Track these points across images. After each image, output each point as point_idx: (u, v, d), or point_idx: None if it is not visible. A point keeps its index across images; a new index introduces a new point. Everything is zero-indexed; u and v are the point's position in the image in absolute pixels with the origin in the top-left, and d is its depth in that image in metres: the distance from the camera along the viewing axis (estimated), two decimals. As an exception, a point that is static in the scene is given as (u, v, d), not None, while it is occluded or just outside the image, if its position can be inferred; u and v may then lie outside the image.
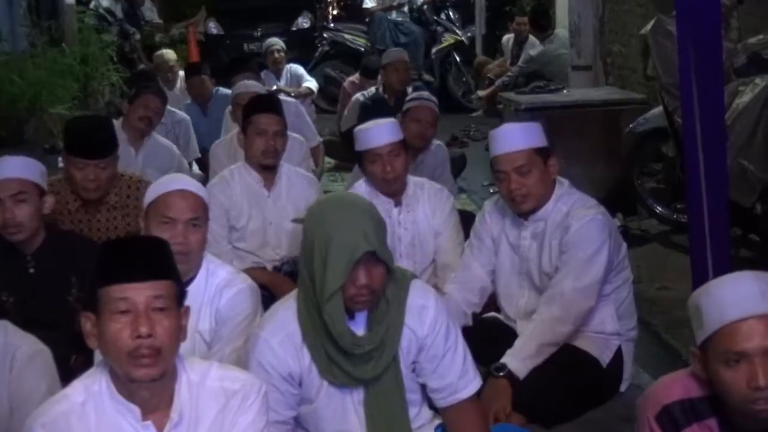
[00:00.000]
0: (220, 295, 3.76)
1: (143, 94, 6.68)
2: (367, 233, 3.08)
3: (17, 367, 3.26)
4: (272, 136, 5.29)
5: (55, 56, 12.02)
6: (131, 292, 2.55)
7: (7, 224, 4.19)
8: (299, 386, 3.31)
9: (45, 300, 4.23)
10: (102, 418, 2.65)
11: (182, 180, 3.93)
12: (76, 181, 4.91)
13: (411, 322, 3.29)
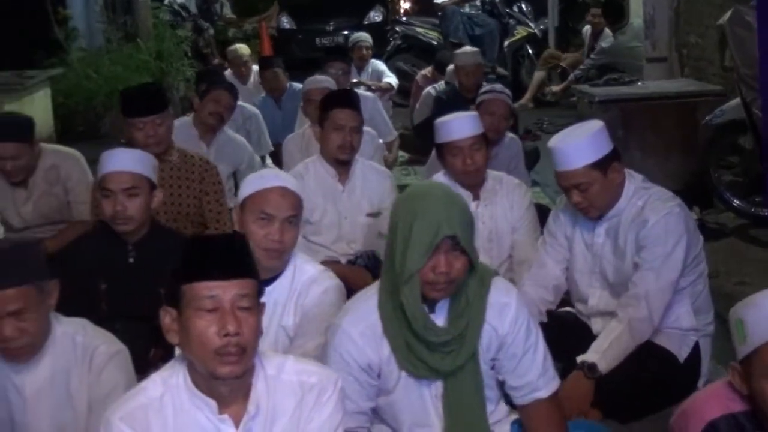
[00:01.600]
0: (307, 291, 3.74)
1: (214, 90, 6.66)
2: (451, 218, 3.07)
3: (96, 366, 3.29)
4: (349, 131, 5.30)
5: (131, 52, 12.17)
6: (218, 290, 2.56)
7: (117, 216, 4.25)
8: (378, 377, 3.31)
9: (139, 291, 4.25)
10: (179, 412, 2.67)
11: (283, 177, 3.91)
12: (139, 141, 5.18)
13: (492, 320, 3.27)
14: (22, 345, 3.13)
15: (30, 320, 3.12)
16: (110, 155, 4.39)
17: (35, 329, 3.14)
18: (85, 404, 3.30)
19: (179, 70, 12.30)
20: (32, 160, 5.47)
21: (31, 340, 3.15)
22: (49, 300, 3.22)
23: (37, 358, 3.24)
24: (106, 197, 4.28)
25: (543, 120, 11.43)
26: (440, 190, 3.25)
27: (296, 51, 14.74)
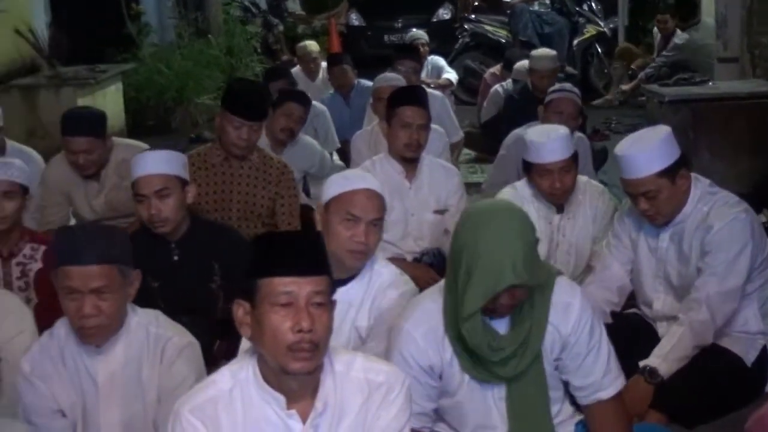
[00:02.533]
0: (383, 294, 3.73)
1: (286, 102, 6.54)
2: (516, 263, 3.03)
3: (167, 358, 3.35)
4: (416, 129, 5.28)
5: (201, 47, 12.26)
6: (294, 286, 2.57)
7: (152, 219, 4.29)
8: (439, 379, 3.31)
9: (187, 287, 4.33)
10: (248, 406, 2.69)
11: (369, 179, 3.89)
12: (230, 137, 5.22)
13: (555, 320, 3.25)
14: (98, 325, 3.19)
15: (109, 300, 3.18)
16: (139, 159, 4.43)
17: (112, 311, 3.20)
18: (155, 394, 3.35)
19: (249, 65, 12.37)
20: (104, 154, 5.54)
21: (107, 322, 3.21)
22: (129, 288, 3.29)
23: (111, 344, 3.30)
24: (140, 202, 4.33)
25: (611, 120, 11.34)
26: (508, 224, 3.13)
27: (365, 48, 14.76)
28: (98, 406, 3.33)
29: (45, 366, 3.34)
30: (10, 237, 4.56)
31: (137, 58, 11.45)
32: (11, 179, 4.51)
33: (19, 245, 4.60)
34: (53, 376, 3.33)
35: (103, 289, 3.17)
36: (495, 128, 8.46)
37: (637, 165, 4.10)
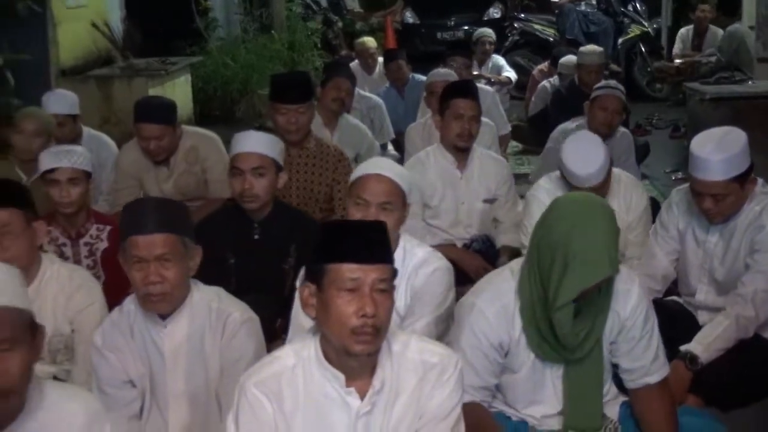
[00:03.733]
0: (416, 273, 3.74)
1: (334, 77, 6.74)
2: (612, 257, 3.05)
3: (229, 332, 3.36)
4: (468, 120, 5.27)
5: (265, 42, 12.31)
6: (360, 272, 2.56)
7: (244, 194, 4.31)
8: (505, 356, 3.30)
9: (264, 265, 4.34)
10: (309, 382, 2.68)
11: (382, 164, 3.89)
12: (280, 125, 5.28)
13: (616, 305, 3.26)
14: (162, 292, 3.20)
15: (172, 269, 3.20)
16: (241, 137, 4.46)
17: (175, 279, 3.21)
18: (217, 367, 3.36)
19: (309, 60, 12.39)
20: (174, 141, 5.58)
21: (170, 289, 3.22)
22: (190, 261, 3.30)
23: (176, 317, 3.31)
24: (236, 176, 4.35)
25: (653, 115, 11.23)
26: (602, 219, 3.12)
27: (419, 44, 14.70)
28: (165, 376, 3.36)
29: (115, 339, 3.37)
30: (77, 219, 4.63)
31: (205, 52, 11.52)
32: (75, 166, 4.56)
33: (86, 226, 4.66)
34: (123, 348, 3.36)
35: (167, 256, 3.19)
36: (542, 122, 8.43)
37: (714, 168, 4.00)
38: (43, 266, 3.81)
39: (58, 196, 4.54)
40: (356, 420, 2.67)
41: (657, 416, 3.32)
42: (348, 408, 2.67)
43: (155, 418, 3.40)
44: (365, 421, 2.68)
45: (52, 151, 4.67)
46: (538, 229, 3.23)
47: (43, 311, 3.68)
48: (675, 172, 8.32)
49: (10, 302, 2.46)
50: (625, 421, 3.38)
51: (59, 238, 4.61)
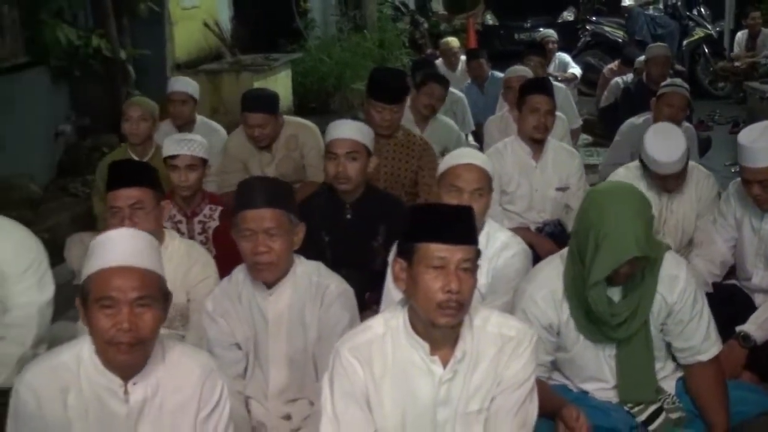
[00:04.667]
0: (498, 256, 3.73)
1: (429, 83, 6.58)
2: (639, 238, 3.03)
3: (326, 302, 3.38)
4: (543, 114, 5.25)
5: (358, 41, 12.35)
6: (447, 252, 2.56)
7: (338, 176, 4.33)
8: (557, 336, 3.30)
9: (355, 243, 4.35)
10: (397, 350, 2.70)
11: (472, 154, 3.91)
12: (374, 120, 5.22)
13: (662, 290, 3.22)
14: (269, 261, 3.24)
15: (278, 242, 3.23)
16: (337, 124, 4.48)
17: (280, 251, 3.25)
18: (315, 333, 3.39)
19: (398, 57, 12.39)
20: (276, 129, 5.62)
21: (276, 260, 3.26)
22: (295, 236, 3.33)
23: (280, 286, 3.35)
24: (331, 159, 4.36)
25: (714, 112, 11.03)
26: (632, 203, 3.12)
27: (497, 44, 14.59)
28: (267, 340, 3.39)
29: (225, 305, 3.41)
30: (193, 199, 4.70)
31: (304, 49, 11.58)
32: (194, 154, 4.63)
33: (201, 206, 4.72)
34: (231, 313, 3.41)
35: (273, 230, 3.22)
36: (611, 116, 8.34)
37: (759, 156, 3.99)
38: (165, 241, 3.86)
39: (177, 180, 4.61)
40: (439, 386, 2.68)
41: (708, 391, 3.30)
42: (431, 374, 2.67)
43: (257, 377, 3.44)
44: (447, 387, 2.68)
45: (174, 139, 4.75)
46: (577, 216, 3.24)
47: (165, 281, 3.76)
48: (734, 165, 8.07)
49: (153, 267, 2.56)
50: (682, 395, 3.36)
51: (176, 216, 4.69)
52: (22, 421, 2.59)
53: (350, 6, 13.43)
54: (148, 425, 2.62)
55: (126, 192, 3.68)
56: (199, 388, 2.64)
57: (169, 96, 6.20)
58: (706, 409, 3.28)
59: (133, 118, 5.53)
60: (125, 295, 2.48)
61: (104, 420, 2.60)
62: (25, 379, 2.60)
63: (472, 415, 2.70)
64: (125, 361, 2.54)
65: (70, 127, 8.01)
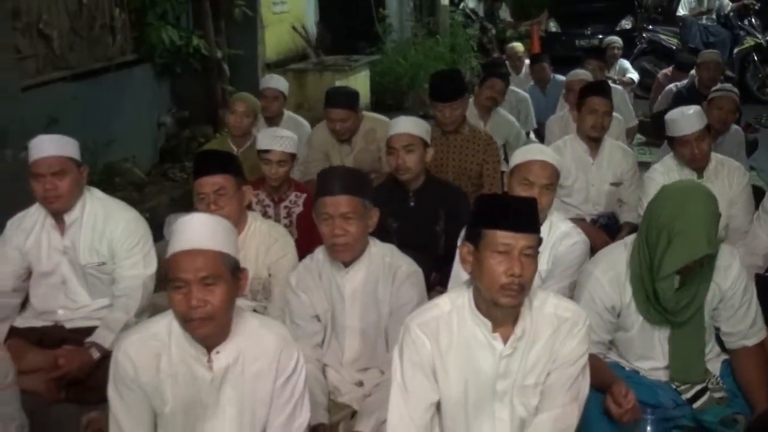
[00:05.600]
0: (559, 244, 3.71)
1: (489, 78, 6.67)
2: (711, 236, 3.01)
3: (398, 280, 3.39)
4: (601, 114, 5.22)
5: (431, 45, 12.32)
6: (511, 239, 2.55)
7: (398, 167, 4.34)
8: (618, 317, 3.27)
9: (419, 228, 4.35)
10: (462, 326, 2.69)
11: (544, 151, 3.88)
12: (437, 119, 5.25)
13: (717, 278, 3.20)
14: (345, 243, 3.27)
15: (353, 225, 3.26)
16: (395, 121, 4.50)
17: (356, 233, 3.27)
18: (387, 309, 3.40)
19: (467, 60, 12.33)
20: (356, 123, 5.65)
21: (352, 241, 3.28)
22: (369, 220, 3.34)
23: (356, 265, 3.37)
24: (391, 153, 4.38)
25: (762, 116, 10.74)
26: (706, 203, 3.09)
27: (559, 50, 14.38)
28: (344, 314, 3.42)
29: (306, 281, 3.45)
30: (280, 187, 4.73)
31: (382, 51, 11.59)
32: (284, 150, 4.66)
33: (287, 193, 4.75)
34: (312, 288, 3.43)
35: (349, 214, 3.25)
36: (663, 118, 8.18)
37: None
38: (249, 222, 3.91)
39: (268, 172, 4.65)
40: (499, 360, 2.67)
41: (751, 374, 3.25)
42: (493, 350, 2.67)
43: (334, 347, 3.47)
44: (506, 362, 2.68)
45: (269, 134, 4.78)
46: (648, 209, 3.19)
47: (247, 258, 3.79)
48: (780, 165, 7.98)
49: (217, 247, 2.55)
50: (726, 377, 3.31)
51: (265, 201, 4.73)
52: (121, 384, 2.64)
53: (425, 13, 13.40)
54: (230, 390, 2.66)
55: (210, 179, 3.73)
56: (276, 357, 2.66)
57: (262, 92, 6.26)
58: (749, 391, 3.23)
59: (238, 113, 5.60)
60: (193, 275, 2.50)
61: (191, 384, 2.64)
62: (122, 348, 2.65)
63: (529, 387, 2.70)
64: (201, 334, 2.57)
65: (170, 119, 8.14)
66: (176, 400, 2.65)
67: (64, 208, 3.86)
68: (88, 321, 3.92)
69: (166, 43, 7.72)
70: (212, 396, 2.66)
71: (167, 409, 2.66)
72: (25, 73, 6.30)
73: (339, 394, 3.42)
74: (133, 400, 2.65)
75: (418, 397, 2.68)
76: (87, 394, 3.68)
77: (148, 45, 7.71)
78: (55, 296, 3.96)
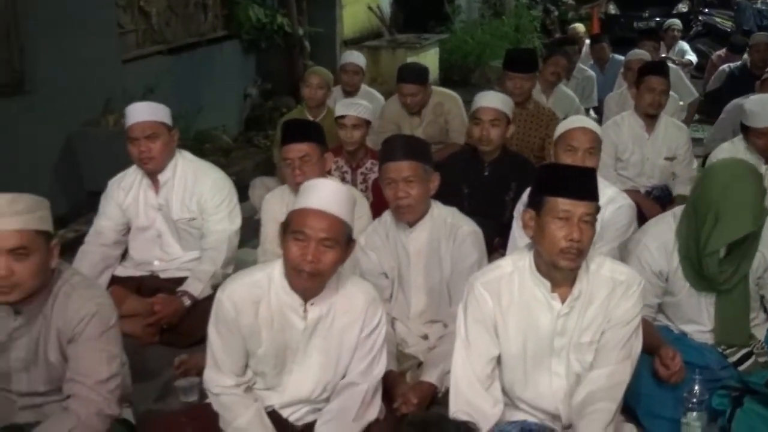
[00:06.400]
0: (606, 208, 3.61)
1: (554, 56, 6.63)
2: (756, 214, 2.95)
3: (459, 240, 3.39)
4: (658, 93, 5.10)
5: (497, 25, 12.17)
6: (571, 206, 2.51)
7: (482, 139, 4.31)
8: (665, 281, 3.22)
9: (490, 196, 4.32)
10: (523, 286, 2.67)
11: (584, 120, 3.87)
12: (508, 88, 5.24)
13: (763, 248, 3.12)
14: (408, 204, 3.28)
15: (415, 188, 3.27)
16: (484, 95, 4.46)
17: (418, 195, 3.28)
18: (449, 266, 3.40)
19: (530, 40, 12.10)
20: (425, 97, 5.61)
21: (414, 203, 3.29)
22: (430, 183, 3.33)
23: (420, 225, 3.38)
24: (476, 124, 4.35)
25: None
26: (753, 179, 3.02)
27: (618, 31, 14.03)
28: (409, 270, 3.43)
29: (375, 240, 3.47)
30: (357, 153, 4.73)
31: (450, 31, 11.46)
32: (359, 115, 4.65)
33: (364, 160, 4.75)
34: (380, 247, 3.46)
35: (411, 178, 3.26)
36: (716, 98, 7.99)
37: None
38: None
39: (344, 136, 4.66)
40: (556, 319, 2.65)
41: None
42: (551, 308, 2.65)
43: (401, 302, 3.50)
44: (563, 320, 2.65)
45: (345, 102, 4.81)
46: (696, 186, 3.14)
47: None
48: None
49: (342, 215, 2.59)
50: (770, 342, 3.24)
51: (343, 167, 4.74)
52: (222, 324, 2.69)
53: (492, -6, 13.24)
54: (319, 338, 2.70)
55: (296, 146, 3.75)
56: (363, 312, 2.69)
57: (343, 66, 6.25)
58: None
59: (313, 85, 5.60)
60: (315, 234, 2.53)
61: (286, 330, 2.68)
62: (226, 291, 2.69)
63: (584, 345, 2.67)
64: (305, 286, 2.61)
65: (255, 91, 8.19)
66: (269, 343, 2.69)
67: (157, 168, 3.92)
68: (180, 271, 4.01)
69: (252, 20, 7.76)
70: (302, 342, 2.70)
71: (260, 351, 2.71)
72: (126, 47, 6.41)
73: (406, 345, 3.44)
74: (230, 339, 2.70)
75: (480, 351, 2.67)
76: (178, 338, 3.77)
77: (236, 22, 7.76)
78: (151, 249, 4.05)
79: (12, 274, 2.46)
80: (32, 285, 2.52)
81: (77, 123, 5.66)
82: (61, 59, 5.46)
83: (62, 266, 2.69)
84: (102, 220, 4.05)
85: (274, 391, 2.76)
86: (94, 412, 2.57)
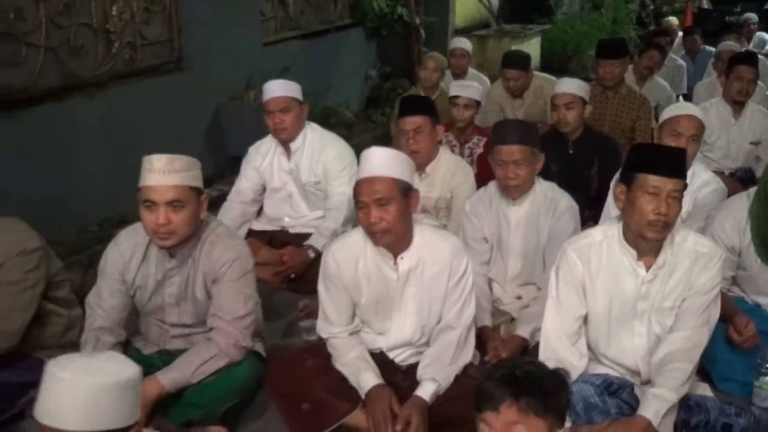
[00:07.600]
0: (700, 190, 3.52)
1: (649, 50, 6.40)
2: None
3: (557, 213, 3.32)
4: (747, 81, 4.87)
5: (596, 17, 11.82)
6: (660, 183, 2.43)
7: (560, 122, 4.22)
8: (738, 256, 3.11)
9: (576, 172, 4.20)
10: (611, 253, 2.61)
11: (691, 107, 3.71)
12: (600, 75, 5.13)
13: None
14: (517, 185, 3.24)
15: (523, 169, 3.22)
16: (558, 81, 4.38)
17: (525, 176, 3.24)
18: (546, 237, 3.35)
19: (626, 31, 11.66)
20: (527, 81, 5.55)
21: (521, 183, 3.25)
22: (536, 164, 3.27)
23: (523, 199, 3.34)
24: (554, 110, 4.27)
25: None
26: None
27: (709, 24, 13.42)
28: (509, 238, 3.39)
29: (479, 208, 3.44)
30: (466, 131, 4.70)
31: (552, 22, 11.17)
32: (471, 96, 4.62)
33: (471, 136, 4.72)
34: (483, 215, 3.42)
35: (520, 161, 3.20)
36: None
37: None
38: (440, 154, 3.95)
39: (456, 114, 4.63)
40: (641, 285, 2.58)
41: None
42: (636, 275, 2.58)
43: (498, 265, 3.46)
44: (647, 286, 2.58)
45: (459, 84, 4.79)
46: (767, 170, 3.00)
47: (435, 183, 3.88)
48: None
49: (389, 174, 2.57)
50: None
51: (452, 141, 4.71)
52: (328, 279, 2.76)
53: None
54: (412, 287, 2.73)
55: (411, 119, 3.76)
56: (450, 262, 2.69)
57: (452, 51, 6.21)
58: None
59: (429, 68, 5.58)
60: (369, 198, 2.56)
61: (381, 282, 2.73)
62: (330, 251, 2.77)
63: (665, 309, 2.59)
64: (383, 244, 2.64)
65: (375, 73, 8.21)
66: (370, 293, 2.74)
67: (289, 137, 4.00)
68: (306, 228, 4.09)
69: (375, 10, 7.78)
70: (398, 292, 2.73)
71: (363, 301, 2.76)
72: (266, 32, 6.53)
73: (501, 303, 3.43)
74: (336, 292, 2.76)
75: (569, 310, 2.63)
76: (302, 286, 3.86)
77: (361, 12, 7.79)
78: (282, 207, 4.15)
79: (170, 222, 2.58)
80: (186, 232, 2.64)
81: (224, 97, 5.82)
82: (212, 41, 5.62)
83: (209, 218, 2.80)
84: (242, 181, 4.17)
85: (381, 336, 2.81)
86: (232, 343, 2.69)
